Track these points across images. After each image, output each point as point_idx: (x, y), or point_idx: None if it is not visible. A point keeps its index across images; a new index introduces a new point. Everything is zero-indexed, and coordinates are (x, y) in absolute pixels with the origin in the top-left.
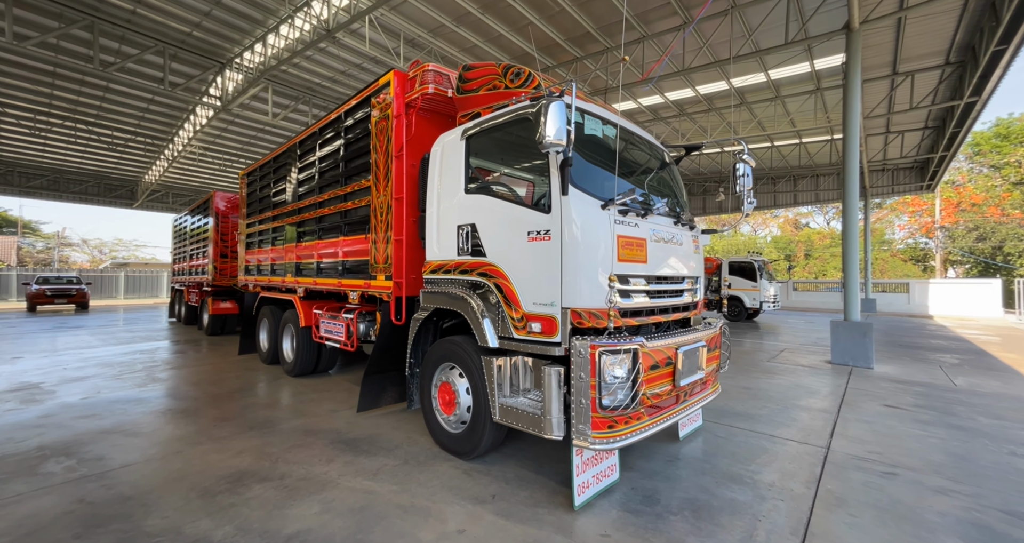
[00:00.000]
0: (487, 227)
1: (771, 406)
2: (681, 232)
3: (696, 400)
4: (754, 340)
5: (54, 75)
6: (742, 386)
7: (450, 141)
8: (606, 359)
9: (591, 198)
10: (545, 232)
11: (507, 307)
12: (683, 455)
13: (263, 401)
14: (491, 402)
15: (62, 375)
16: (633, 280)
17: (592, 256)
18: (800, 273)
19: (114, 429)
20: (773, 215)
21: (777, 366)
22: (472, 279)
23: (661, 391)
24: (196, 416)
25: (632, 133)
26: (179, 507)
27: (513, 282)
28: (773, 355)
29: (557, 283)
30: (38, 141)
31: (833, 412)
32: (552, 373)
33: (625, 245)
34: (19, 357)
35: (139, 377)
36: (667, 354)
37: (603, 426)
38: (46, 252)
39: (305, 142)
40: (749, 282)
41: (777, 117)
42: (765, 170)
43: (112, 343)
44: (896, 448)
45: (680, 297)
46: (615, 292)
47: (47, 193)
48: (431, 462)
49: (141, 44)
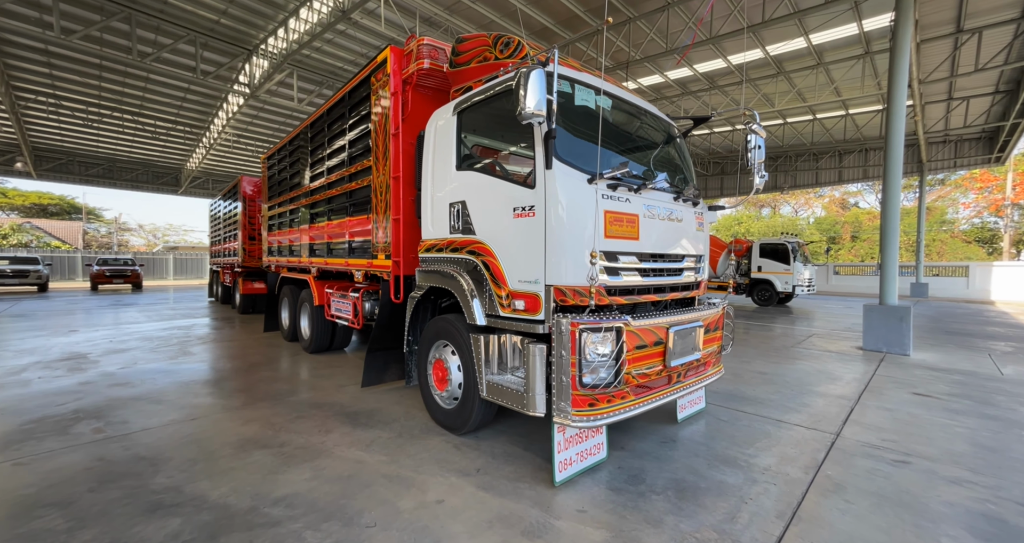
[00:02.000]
0: (476, 204)
1: (785, 391)
2: (682, 209)
3: (692, 382)
4: (783, 325)
5: (101, 68)
6: (758, 371)
7: (442, 117)
8: (587, 337)
9: (577, 172)
10: (530, 208)
11: (494, 285)
12: (679, 437)
13: (278, 375)
14: (479, 379)
15: (108, 347)
16: (623, 258)
17: (577, 232)
18: (845, 256)
19: (142, 396)
20: (817, 195)
21: (802, 351)
22: (462, 257)
23: (649, 371)
24: (215, 387)
25: (630, 104)
26: (184, 468)
27: (500, 260)
28: (799, 340)
29: (541, 260)
30: (91, 132)
31: (852, 399)
32: (535, 350)
33: (614, 221)
34: (75, 330)
35: (173, 350)
36: (656, 334)
37: (584, 404)
38: (108, 236)
39: (315, 124)
40: (782, 265)
41: (819, 87)
42: (807, 146)
43: (155, 320)
44: (915, 437)
45: (679, 276)
46: (599, 269)
47: (103, 181)
48: (424, 436)
49: (174, 34)
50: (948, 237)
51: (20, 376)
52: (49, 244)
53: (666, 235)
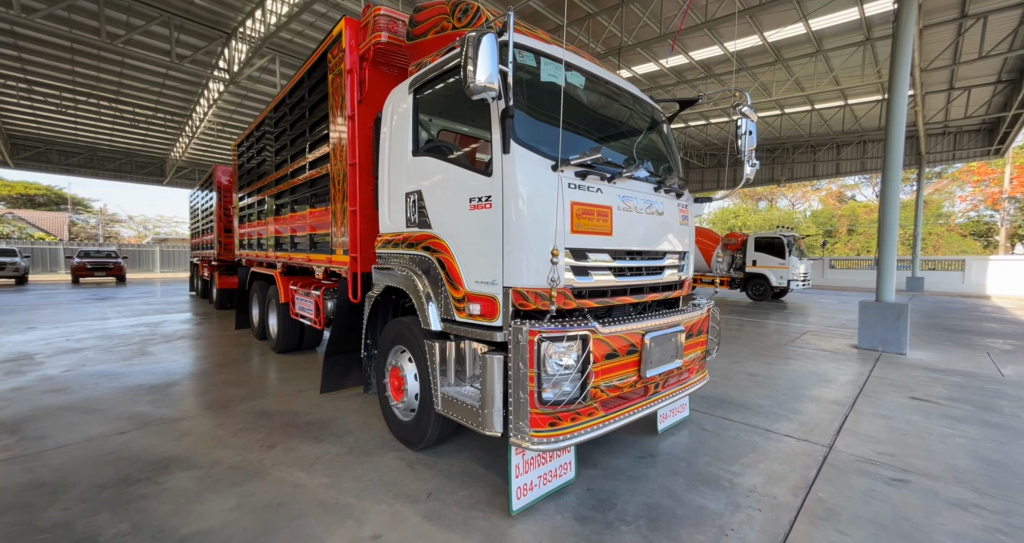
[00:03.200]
0: (432, 194)
1: (776, 396)
2: (664, 200)
3: (673, 391)
4: (777, 321)
5: (72, 51)
6: (748, 372)
7: (398, 96)
8: (547, 347)
9: (540, 157)
10: (486, 198)
11: (449, 286)
12: (659, 451)
13: (235, 379)
14: (434, 391)
15: (61, 346)
16: (594, 256)
17: (538, 226)
18: (842, 249)
19: (74, 405)
20: (814, 187)
21: (795, 350)
22: (417, 254)
23: (622, 383)
24: (161, 393)
25: (608, 84)
26: (87, 497)
27: (456, 257)
28: (793, 338)
29: (498, 258)
30: (67, 118)
31: (847, 404)
32: (491, 361)
33: (582, 214)
34: (34, 327)
35: (130, 350)
36: (629, 341)
37: (543, 423)
38: (97, 228)
39: (278, 108)
40: (777, 259)
41: (818, 75)
42: (804, 137)
43: (126, 315)
44: (914, 449)
45: (659, 275)
46: (561, 268)
47: (84, 170)
48: (378, 451)
49: (147, 15)
50: (944, 231)
51: None
52: (32, 235)
53: (645, 230)
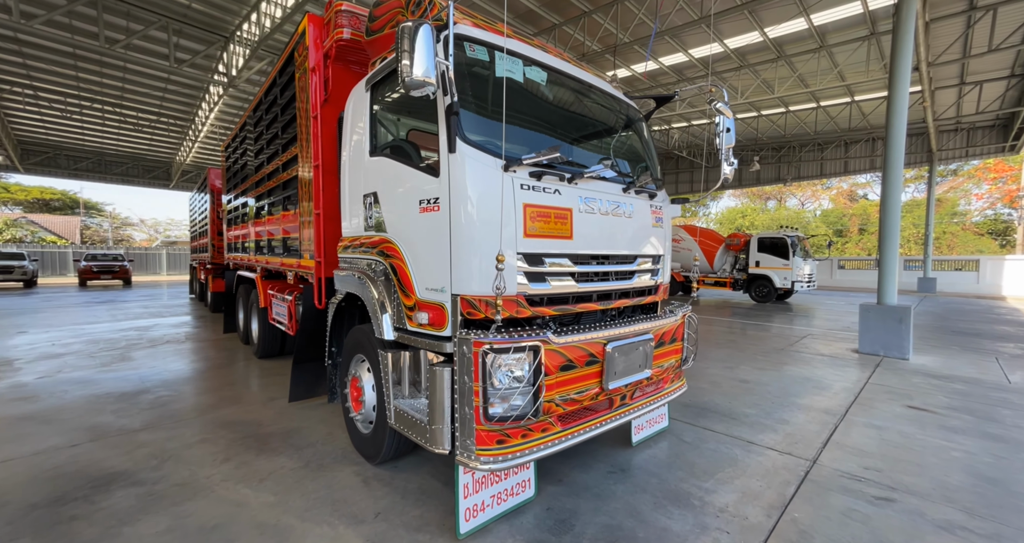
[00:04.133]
0: (386, 196)
1: (764, 404)
2: (634, 202)
3: (641, 403)
4: (779, 324)
5: (75, 57)
6: (740, 378)
7: (357, 94)
8: (494, 359)
9: (490, 157)
10: (434, 200)
11: (401, 292)
12: (631, 465)
13: (209, 385)
14: (387, 403)
15: (44, 351)
16: (551, 260)
17: (487, 230)
18: (853, 249)
19: (35, 415)
20: (824, 186)
21: (793, 355)
22: (372, 259)
23: (581, 395)
24: (128, 402)
25: (574, 79)
26: (13, 519)
27: (408, 263)
28: (792, 342)
29: (447, 264)
30: (74, 124)
31: (838, 414)
32: (439, 374)
33: (537, 216)
34: (24, 331)
35: (112, 355)
36: (589, 351)
37: (490, 441)
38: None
39: (256, 109)
40: (780, 260)
41: (822, 72)
42: (811, 135)
43: (119, 319)
44: (904, 464)
45: (628, 280)
46: (512, 275)
47: (92, 175)
48: (335, 466)
49: (145, 19)
50: (959, 230)
51: None
52: (44, 239)
53: (611, 233)
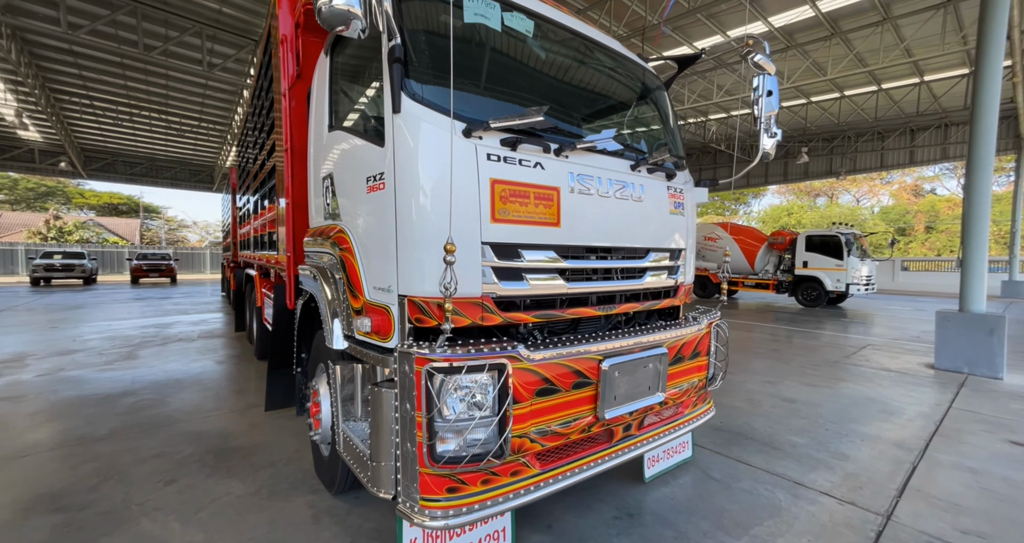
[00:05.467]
0: (340, 176)
1: (816, 431)
2: (645, 182)
3: (654, 434)
4: (831, 332)
5: (123, 66)
6: (784, 396)
7: (320, 64)
8: (442, 381)
9: (446, 118)
10: (379, 176)
11: (349, 292)
12: (643, 508)
13: (194, 388)
14: (335, 426)
15: (60, 347)
16: (531, 254)
17: (440, 213)
18: (918, 249)
19: (5, 419)
20: (884, 180)
21: (851, 369)
22: (325, 251)
23: (567, 428)
24: (106, 406)
25: (569, 32)
26: None
27: (357, 255)
28: (849, 353)
29: (393, 256)
30: (126, 131)
31: (915, 448)
32: (382, 398)
33: (511, 196)
34: (55, 327)
35: (120, 353)
36: (577, 370)
37: (438, 488)
38: (169, 233)
39: (253, 97)
40: (833, 260)
41: (885, 49)
42: (869, 122)
43: (148, 315)
44: (1017, 526)
45: (638, 279)
46: (474, 270)
47: (145, 179)
48: (289, 494)
49: (180, 26)
50: None
51: None
52: (107, 240)
53: (614, 220)
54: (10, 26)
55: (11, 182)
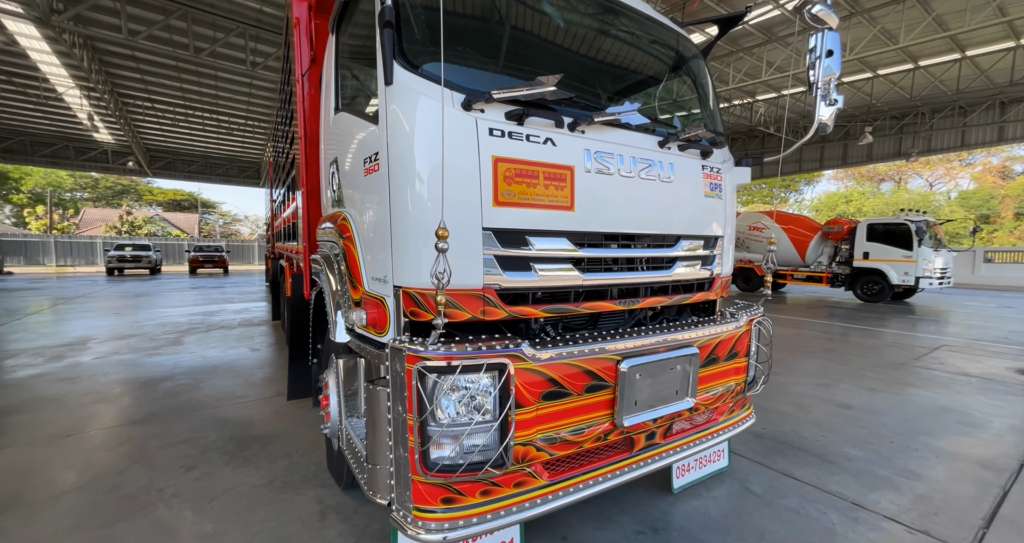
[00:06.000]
0: (343, 159)
1: (878, 443)
2: (676, 161)
3: (683, 443)
4: (895, 330)
5: (177, 69)
6: (839, 402)
7: (328, 44)
8: (436, 381)
9: (442, 90)
10: (375, 157)
11: (349, 283)
12: (669, 523)
13: (226, 375)
14: (339, 421)
15: (119, 332)
16: (540, 241)
17: (437, 196)
18: (1004, 239)
19: (57, 398)
20: (964, 162)
21: (920, 373)
22: (330, 240)
23: (579, 436)
24: (147, 390)
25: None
26: None
27: (357, 243)
28: (919, 355)
29: (388, 243)
30: (182, 131)
31: (1006, 468)
32: (377, 397)
33: (517, 176)
34: (119, 313)
35: (167, 339)
36: (590, 370)
37: (432, 498)
38: (223, 226)
39: (280, 86)
40: (900, 250)
41: (973, 8)
42: (948, 96)
43: (198, 303)
44: None
45: (666, 270)
46: (454, 258)
47: (201, 176)
48: (300, 487)
49: (226, 27)
50: None
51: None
52: (170, 233)
53: (638, 203)
54: (81, 36)
55: (93, 181)
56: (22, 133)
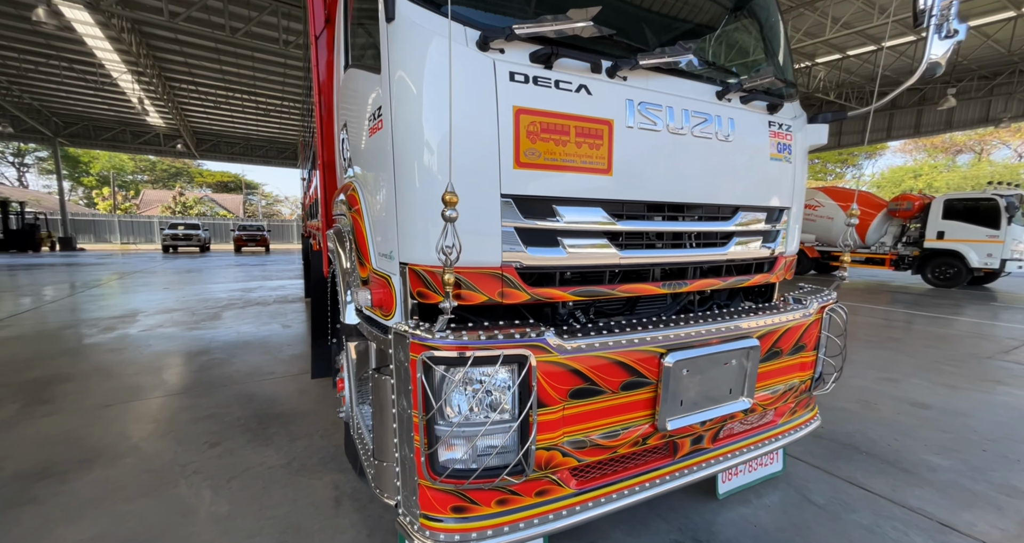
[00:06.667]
0: (352, 121)
1: (968, 451)
2: (736, 115)
3: (735, 448)
4: (974, 319)
5: (217, 51)
6: (911, 399)
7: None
8: (444, 374)
9: (452, 25)
10: (378, 113)
11: (357, 260)
12: (713, 534)
13: (260, 349)
14: (350, 407)
15: (166, 306)
16: (570, 212)
17: (443, 155)
18: None
19: (107, 367)
20: None
21: (1013, 368)
22: (340, 213)
23: (613, 439)
24: (183, 363)
25: None
26: None
27: (365, 214)
28: (1008, 348)
29: (393, 213)
30: (224, 113)
31: None
32: (382, 386)
33: (542, 132)
34: (168, 288)
35: (207, 314)
36: (628, 364)
37: (442, 506)
38: (265, 207)
39: (303, 56)
40: (984, 229)
41: None
42: None
43: (239, 280)
44: None
45: (720, 247)
46: (464, 229)
47: (243, 158)
48: (317, 470)
49: (259, 5)
50: None
51: (58, 332)
52: (218, 213)
53: (689, 166)
54: (129, 19)
55: (150, 164)
56: (85, 118)
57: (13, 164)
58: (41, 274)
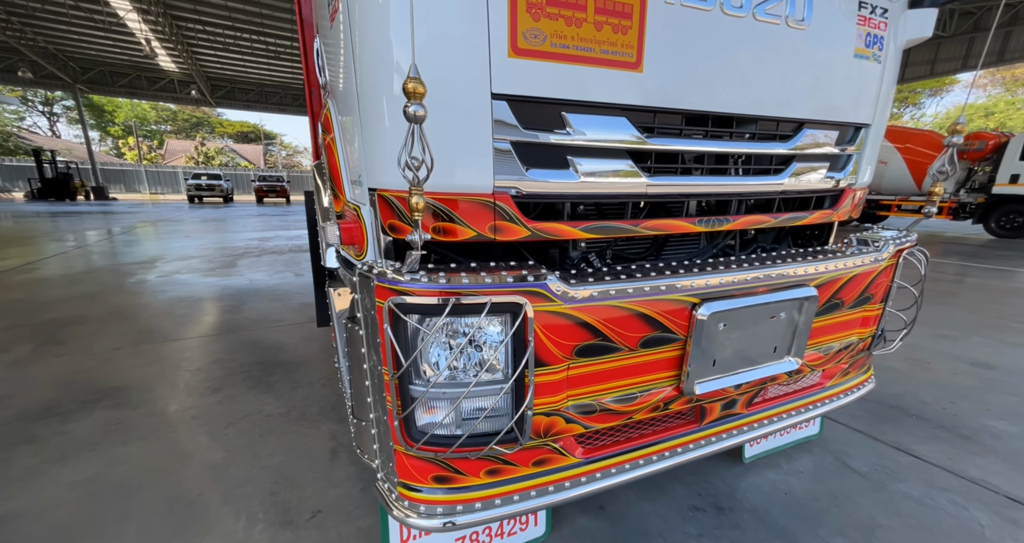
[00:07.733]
0: (320, 17)
1: None
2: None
3: (772, 414)
4: None
5: None
6: (972, 359)
7: None
8: (419, 323)
9: None
10: None
11: (332, 193)
12: (737, 500)
13: (269, 299)
14: (337, 359)
15: (184, 253)
16: (582, 120)
17: (400, 41)
18: None
19: (123, 310)
20: None
21: None
22: (322, 143)
23: (628, 404)
24: (195, 308)
25: None
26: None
27: (337, 138)
28: None
29: (358, 125)
30: (235, 56)
31: None
32: (354, 339)
33: (547, 4)
34: (188, 236)
35: (223, 262)
36: (650, 316)
37: (422, 476)
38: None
39: None
40: None
41: None
42: None
43: (257, 229)
44: None
45: (774, 175)
46: (434, 136)
47: (258, 105)
48: (315, 420)
49: None
50: None
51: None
52: (239, 164)
53: (743, 63)
54: None
55: (172, 114)
56: (101, 63)
57: (44, 113)
58: (79, 221)
